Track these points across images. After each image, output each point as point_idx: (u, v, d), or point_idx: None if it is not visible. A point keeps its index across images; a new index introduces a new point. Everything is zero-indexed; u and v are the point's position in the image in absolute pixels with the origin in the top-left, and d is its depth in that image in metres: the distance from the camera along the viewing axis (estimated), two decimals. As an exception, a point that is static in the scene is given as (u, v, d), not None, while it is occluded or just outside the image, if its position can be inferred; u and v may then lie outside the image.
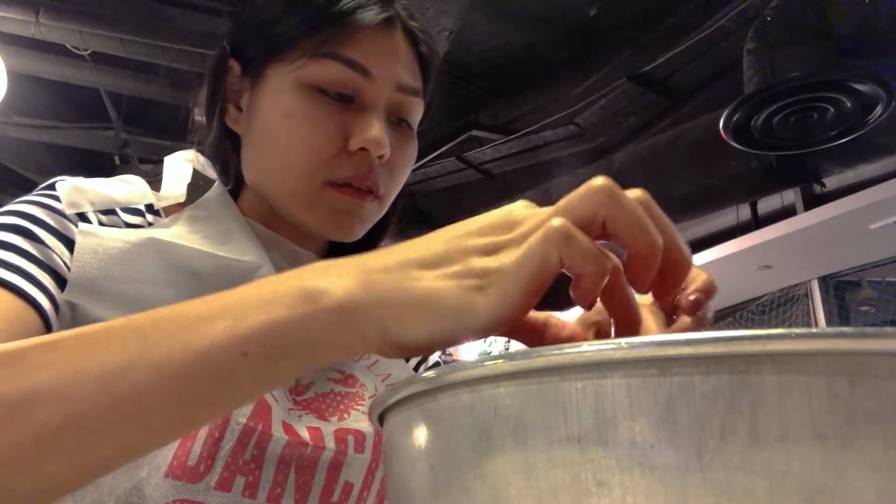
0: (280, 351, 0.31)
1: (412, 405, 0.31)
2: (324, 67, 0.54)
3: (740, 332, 0.23)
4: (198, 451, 0.47)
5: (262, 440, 0.49)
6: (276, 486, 0.50)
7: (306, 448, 0.51)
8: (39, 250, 0.48)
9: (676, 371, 0.23)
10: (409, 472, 0.30)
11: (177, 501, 0.46)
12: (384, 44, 0.56)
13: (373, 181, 0.55)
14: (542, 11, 3.43)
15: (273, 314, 0.30)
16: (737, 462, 0.22)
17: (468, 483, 0.27)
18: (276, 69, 0.56)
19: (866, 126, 2.57)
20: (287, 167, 0.55)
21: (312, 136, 0.54)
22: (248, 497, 0.48)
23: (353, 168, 0.54)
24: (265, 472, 0.49)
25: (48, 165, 4.14)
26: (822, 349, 0.23)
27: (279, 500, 0.50)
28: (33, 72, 3.43)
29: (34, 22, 2.98)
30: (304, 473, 0.51)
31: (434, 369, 0.29)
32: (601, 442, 0.24)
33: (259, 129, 0.57)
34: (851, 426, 0.22)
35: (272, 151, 0.56)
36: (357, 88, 0.55)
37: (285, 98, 0.54)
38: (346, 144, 0.54)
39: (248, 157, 0.59)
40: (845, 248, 4.05)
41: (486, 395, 0.27)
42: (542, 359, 0.26)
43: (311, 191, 0.55)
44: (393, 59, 0.56)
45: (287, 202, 0.57)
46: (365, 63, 0.54)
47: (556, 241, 0.29)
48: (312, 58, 0.54)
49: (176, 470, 0.46)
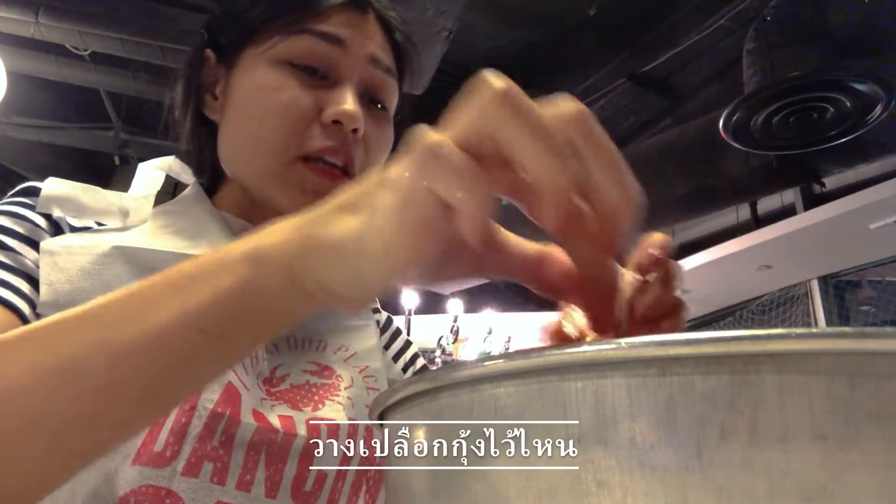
0: (234, 321, 0.30)
1: (412, 405, 0.31)
2: (296, 42, 0.54)
3: (740, 332, 0.23)
4: (164, 436, 0.46)
5: (230, 426, 0.48)
6: (245, 472, 0.48)
7: (277, 435, 0.50)
8: (11, 258, 0.49)
9: (676, 371, 0.23)
10: (409, 472, 0.30)
11: (143, 487, 0.45)
12: (356, 20, 0.56)
13: (347, 155, 0.55)
14: (542, 11, 3.43)
15: (219, 283, 0.30)
16: (737, 462, 0.22)
17: (468, 483, 0.27)
18: (250, 51, 0.56)
19: (866, 126, 2.57)
20: (260, 142, 0.55)
21: (285, 108, 0.53)
22: (216, 483, 0.47)
23: (325, 141, 0.54)
24: (234, 458, 0.48)
25: (48, 165, 4.15)
26: (822, 349, 0.23)
27: (249, 486, 0.48)
28: (33, 72, 3.43)
29: (34, 22, 2.98)
30: (275, 461, 0.50)
31: (434, 369, 0.29)
32: (601, 442, 0.24)
33: (233, 110, 0.57)
34: (851, 426, 0.22)
35: (246, 128, 0.56)
36: (330, 61, 0.55)
37: (258, 75, 0.55)
38: (319, 118, 0.54)
39: (224, 142, 0.59)
40: (845, 248, 4.05)
41: (486, 395, 0.27)
42: (542, 359, 0.26)
43: (281, 166, 0.54)
44: (365, 35, 0.56)
45: (261, 184, 0.56)
46: (337, 33, 0.54)
47: (424, 164, 0.25)
48: (284, 35, 0.54)
49: (143, 457, 0.45)
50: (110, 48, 3.15)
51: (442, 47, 2.83)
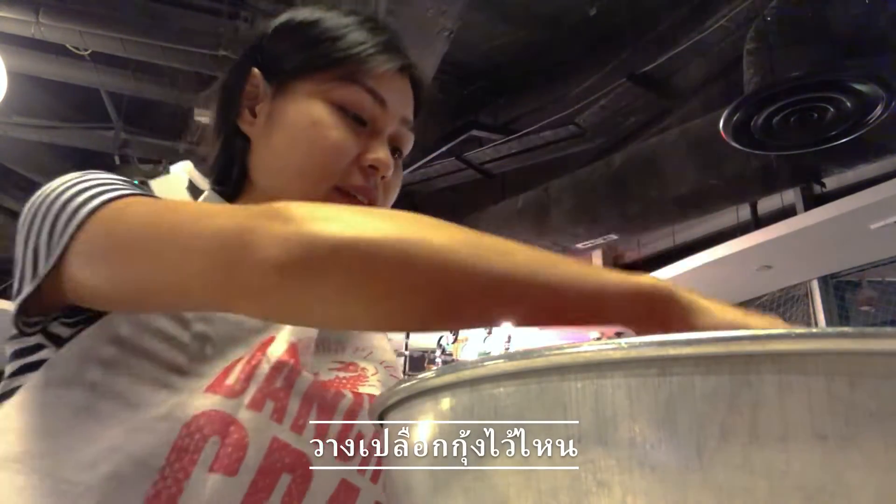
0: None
1: (412, 405, 0.31)
2: (350, 91, 0.62)
3: (740, 332, 0.23)
4: (236, 374, 0.53)
5: (291, 374, 0.55)
6: (300, 417, 0.55)
7: (328, 392, 0.57)
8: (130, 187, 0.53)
9: (676, 371, 0.23)
10: (409, 472, 0.30)
11: (212, 412, 0.51)
12: (398, 85, 0.66)
13: (373, 196, 0.64)
14: (542, 11, 3.43)
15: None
16: (737, 462, 0.22)
17: (468, 483, 0.27)
18: (304, 85, 0.63)
19: (866, 126, 2.57)
20: (304, 170, 0.62)
21: (335, 144, 0.61)
22: (275, 421, 0.53)
23: (361, 180, 0.63)
24: (291, 402, 0.54)
25: (48, 165, 4.14)
26: (822, 349, 0.23)
27: (301, 430, 0.54)
28: (33, 72, 3.43)
29: (34, 22, 2.98)
30: (324, 414, 0.56)
31: (434, 369, 0.29)
32: (601, 442, 0.24)
33: (281, 134, 0.63)
34: (851, 426, 0.22)
35: (293, 155, 0.62)
36: (373, 115, 0.63)
37: (314, 110, 0.62)
38: (358, 160, 0.62)
39: (263, 160, 0.65)
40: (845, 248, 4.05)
41: (486, 395, 0.27)
42: (542, 359, 0.26)
43: (320, 193, 0.61)
44: (403, 98, 0.67)
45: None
46: (384, 95, 0.63)
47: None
48: (341, 82, 0.62)
49: (216, 387, 0.52)
50: (110, 48, 3.15)
51: (442, 47, 2.83)
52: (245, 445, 0.51)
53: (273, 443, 0.52)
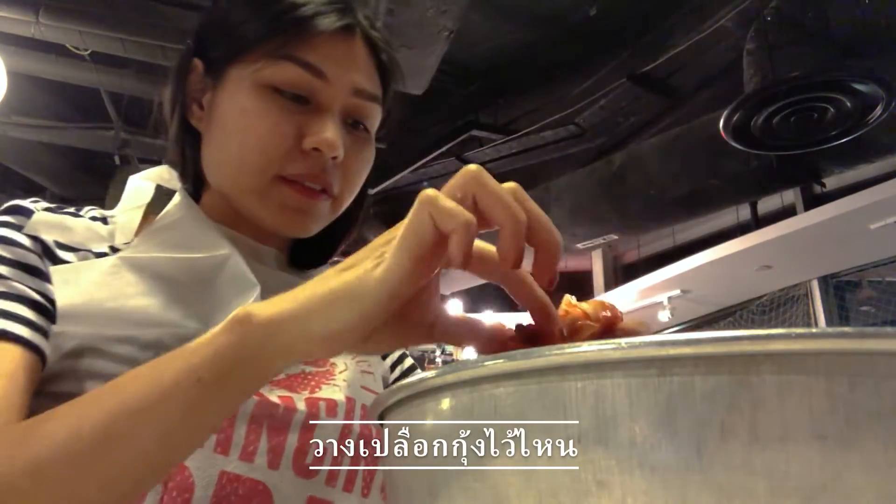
0: (226, 371, 0.36)
1: (412, 405, 0.31)
2: (281, 69, 0.56)
3: (740, 332, 0.23)
4: None
5: None
6: (248, 444, 0.51)
7: (277, 409, 0.53)
8: (6, 285, 0.50)
9: (676, 371, 0.23)
10: (409, 472, 0.30)
11: None
12: (342, 49, 0.58)
13: (325, 181, 0.58)
14: (542, 11, 3.43)
15: (217, 341, 0.36)
16: (737, 462, 0.22)
17: (468, 483, 0.27)
18: (237, 70, 0.57)
19: (866, 126, 2.57)
20: (241, 163, 0.57)
21: (266, 133, 0.56)
22: (220, 453, 0.50)
23: (305, 167, 0.57)
24: (237, 429, 0.51)
25: (48, 165, 4.14)
26: (822, 349, 0.23)
27: (252, 457, 0.51)
28: (33, 72, 3.43)
29: (34, 22, 2.98)
30: (277, 434, 0.52)
31: (434, 369, 0.29)
32: (601, 442, 0.24)
33: (218, 126, 0.59)
34: (851, 426, 0.22)
35: (229, 148, 0.58)
36: (312, 90, 0.57)
37: (243, 97, 0.57)
38: (300, 144, 0.56)
39: (208, 155, 0.61)
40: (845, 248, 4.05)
41: (486, 395, 0.27)
42: (543, 359, 0.26)
43: (262, 184, 0.57)
44: (350, 64, 0.58)
45: (242, 198, 0.59)
46: (321, 66, 0.56)
47: (425, 203, 0.34)
48: (271, 59, 0.56)
49: None
50: (110, 48, 3.15)
51: (442, 47, 2.83)
52: (191, 486, 0.48)
53: (221, 477, 0.49)
